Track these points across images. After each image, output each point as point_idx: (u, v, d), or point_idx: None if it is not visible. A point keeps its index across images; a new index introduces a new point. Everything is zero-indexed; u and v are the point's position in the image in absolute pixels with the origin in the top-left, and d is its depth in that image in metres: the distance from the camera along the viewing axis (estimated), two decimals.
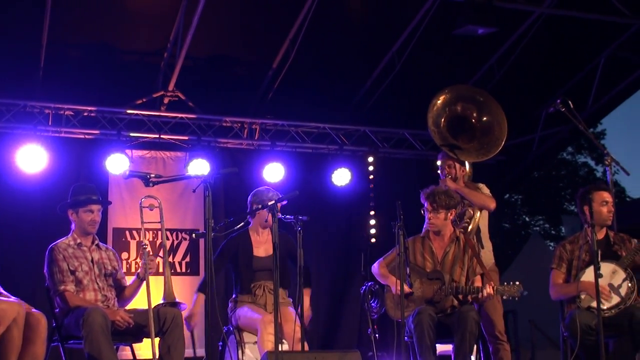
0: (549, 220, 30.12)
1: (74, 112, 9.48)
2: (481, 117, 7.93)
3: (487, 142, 7.83)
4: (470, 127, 7.94)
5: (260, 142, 10.19)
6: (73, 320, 6.07)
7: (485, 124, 7.91)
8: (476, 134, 7.90)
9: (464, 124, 7.93)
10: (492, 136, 7.86)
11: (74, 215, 6.57)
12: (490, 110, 7.94)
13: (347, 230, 10.75)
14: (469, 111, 7.96)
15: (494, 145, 7.83)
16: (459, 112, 7.94)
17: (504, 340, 7.54)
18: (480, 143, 7.84)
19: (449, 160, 7.66)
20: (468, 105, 7.95)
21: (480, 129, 7.91)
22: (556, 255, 6.91)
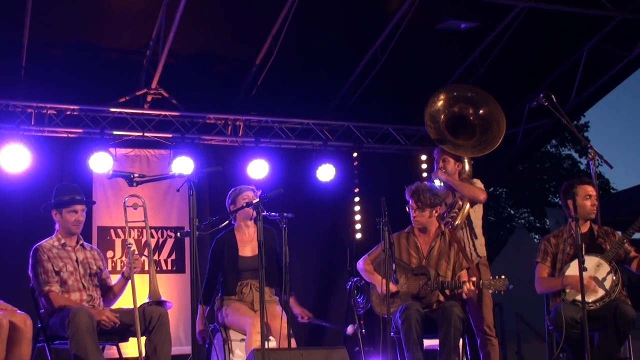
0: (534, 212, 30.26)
1: (56, 111, 9.43)
2: (479, 116, 8.01)
3: (485, 140, 7.90)
4: (470, 126, 8.00)
5: (244, 138, 10.18)
6: (58, 321, 6.06)
7: (484, 123, 7.98)
8: (476, 132, 7.96)
9: (463, 122, 8.00)
10: (490, 134, 7.94)
11: (57, 215, 6.55)
12: (490, 109, 8.01)
13: (332, 226, 10.76)
14: (466, 111, 8.04)
15: (491, 143, 7.91)
16: (458, 111, 8.02)
17: (492, 335, 7.57)
18: (478, 140, 7.91)
19: (444, 155, 7.72)
20: (467, 105, 8.03)
21: (479, 127, 7.98)
22: (541, 249, 6.94)
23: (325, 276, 10.53)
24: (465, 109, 8.04)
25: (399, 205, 7.34)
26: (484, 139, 7.91)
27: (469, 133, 7.98)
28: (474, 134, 7.98)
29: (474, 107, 8.05)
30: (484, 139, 7.92)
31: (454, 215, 7.53)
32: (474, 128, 8.01)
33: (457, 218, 7.53)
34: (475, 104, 8.05)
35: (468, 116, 8.04)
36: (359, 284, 8.34)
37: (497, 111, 8.02)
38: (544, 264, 6.87)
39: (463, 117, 8.02)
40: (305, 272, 10.34)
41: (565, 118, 7.22)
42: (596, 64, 10.22)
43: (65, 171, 9.53)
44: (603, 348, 6.36)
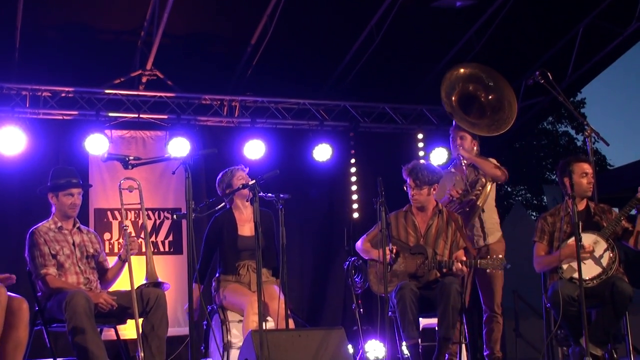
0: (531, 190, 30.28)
1: (51, 93, 9.39)
2: (490, 96, 8.06)
3: (498, 119, 7.98)
4: (481, 106, 8.03)
5: (240, 119, 10.14)
6: (56, 304, 6.06)
7: (495, 103, 8.03)
8: (487, 111, 7.99)
9: (474, 101, 8.03)
10: (503, 114, 7.98)
11: (54, 198, 6.54)
12: (500, 90, 8.04)
13: (330, 205, 10.74)
14: (478, 91, 8.09)
15: (504, 123, 8.00)
16: (470, 90, 8.07)
17: (499, 314, 7.66)
18: (491, 119, 7.96)
19: (461, 132, 7.76)
20: (478, 84, 8.06)
21: (490, 108, 8.02)
22: (538, 228, 6.94)
23: (323, 256, 10.51)
24: (478, 89, 8.07)
25: (396, 184, 7.35)
26: (497, 119, 7.99)
27: (479, 113, 8.00)
28: (484, 114, 8.00)
29: (485, 88, 8.08)
30: (497, 118, 8.00)
31: (477, 193, 7.55)
32: (484, 108, 8.04)
33: (480, 197, 7.56)
34: (487, 85, 8.08)
35: (479, 97, 8.07)
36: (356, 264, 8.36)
37: (509, 93, 8.07)
38: (541, 243, 6.87)
39: (475, 97, 8.05)
40: (302, 252, 10.34)
41: (562, 96, 7.21)
42: (592, 41, 10.16)
43: (61, 153, 9.49)
44: (600, 325, 6.38)
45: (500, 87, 8.12)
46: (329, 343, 5.84)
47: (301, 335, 5.87)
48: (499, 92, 8.12)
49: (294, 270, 9.44)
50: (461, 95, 8.05)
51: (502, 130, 7.95)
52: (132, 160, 5.52)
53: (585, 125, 7.12)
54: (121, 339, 6.82)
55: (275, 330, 6.27)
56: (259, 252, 5.67)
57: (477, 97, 8.12)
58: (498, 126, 7.97)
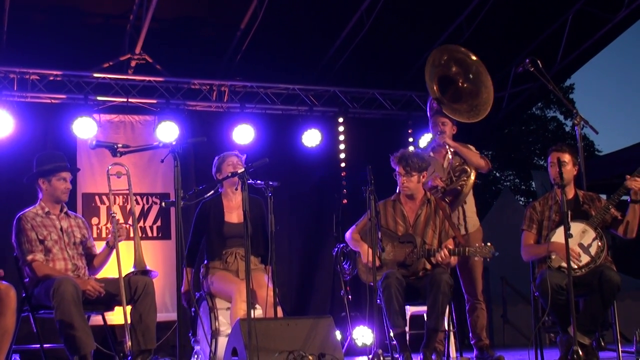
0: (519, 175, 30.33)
1: (39, 77, 9.34)
2: (467, 81, 8.02)
3: (476, 105, 7.93)
4: (456, 90, 7.99)
5: (229, 104, 10.11)
6: (43, 290, 6.02)
7: (472, 88, 7.99)
8: (462, 96, 7.96)
9: (451, 84, 7.99)
10: (481, 99, 7.94)
11: (45, 183, 6.46)
12: (478, 75, 8.02)
13: (319, 191, 10.71)
14: (458, 75, 8.05)
15: (483, 108, 7.96)
16: (452, 72, 8.02)
17: (481, 300, 7.66)
18: (469, 105, 7.92)
19: (442, 118, 7.70)
20: (456, 67, 8.02)
21: (467, 92, 7.98)
22: (526, 216, 6.92)
23: (312, 242, 10.51)
24: (459, 73, 8.03)
25: (386, 170, 7.31)
26: (476, 104, 7.94)
27: (454, 97, 7.96)
28: (460, 98, 7.96)
29: (463, 72, 8.04)
30: (476, 104, 7.94)
31: (462, 183, 7.53)
32: (460, 93, 8.00)
33: (465, 187, 7.54)
34: (464, 68, 8.04)
35: (457, 81, 8.04)
36: (345, 250, 8.36)
37: (486, 76, 8.02)
38: (529, 232, 6.85)
39: (454, 81, 8.02)
40: (291, 238, 10.33)
41: (551, 84, 7.18)
42: (582, 28, 10.15)
43: (49, 137, 9.46)
44: (588, 314, 6.36)
45: (479, 75, 8.07)
46: (318, 331, 5.82)
47: (290, 324, 5.85)
48: (477, 80, 8.07)
49: (282, 257, 9.42)
50: (442, 76, 8.00)
51: (481, 116, 7.91)
52: (121, 147, 5.47)
53: (574, 114, 7.07)
54: (108, 324, 6.76)
55: (263, 318, 6.24)
56: (247, 241, 5.63)
57: (455, 82, 8.08)
58: (477, 112, 7.93)
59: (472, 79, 8.07)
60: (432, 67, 7.92)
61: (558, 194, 6.56)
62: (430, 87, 7.87)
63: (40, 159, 6.54)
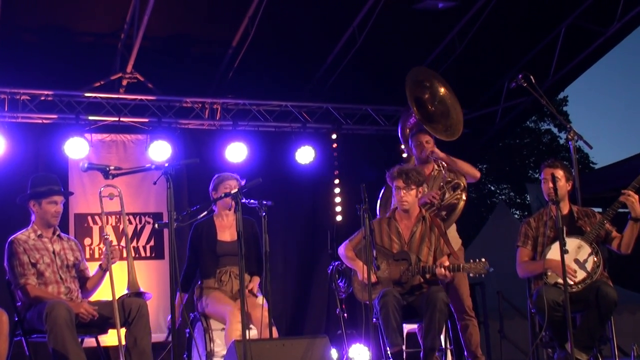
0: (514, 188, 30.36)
1: (30, 97, 9.32)
2: (434, 105, 8.09)
3: (450, 125, 7.98)
4: (427, 112, 8.07)
5: (221, 122, 10.11)
6: (36, 314, 6.01)
7: (442, 109, 8.09)
8: (435, 117, 8.02)
9: (424, 106, 8.07)
10: (452, 119, 8.03)
11: (36, 206, 6.46)
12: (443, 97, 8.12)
13: (313, 208, 10.71)
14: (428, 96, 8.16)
15: (456, 128, 8.04)
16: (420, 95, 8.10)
17: (472, 316, 7.66)
18: (444, 125, 7.97)
19: (425, 135, 7.73)
20: (423, 90, 8.11)
21: (438, 114, 8.07)
22: (521, 232, 6.93)
23: (306, 260, 10.49)
24: (428, 98, 8.14)
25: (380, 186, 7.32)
26: (449, 124, 8.01)
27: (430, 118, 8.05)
28: (432, 120, 8.04)
29: (433, 99, 8.14)
30: (449, 124, 8.02)
31: (458, 197, 7.54)
32: (431, 115, 8.09)
33: (460, 200, 7.55)
34: (435, 97, 8.15)
35: (427, 105, 8.13)
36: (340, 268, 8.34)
37: (455, 103, 8.12)
38: (524, 248, 6.86)
39: (425, 103, 8.12)
40: (285, 256, 10.32)
41: (544, 99, 7.18)
42: (574, 41, 10.18)
43: (41, 158, 9.44)
44: (585, 330, 6.37)
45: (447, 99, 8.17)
46: (313, 352, 5.82)
47: (285, 345, 5.85)
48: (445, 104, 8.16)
49: (277, 275, 9.42)
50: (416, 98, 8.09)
51: (456, 134, 8.01)
52: (113, 170, 5.47)
53: (568, 129, 7.08)
54: (102, 346, 6.74)
55: (258, 340, 6.23)
56: (242, 262, 5.63)
57: (425, 106, 8.17)
58: (452, 131, 8.02)
59: (439, 104, 8.16)
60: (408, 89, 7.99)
61: (553, 210, 6.58)
62: (412, 106, 7.93)
63: (33, 181, 6.55)
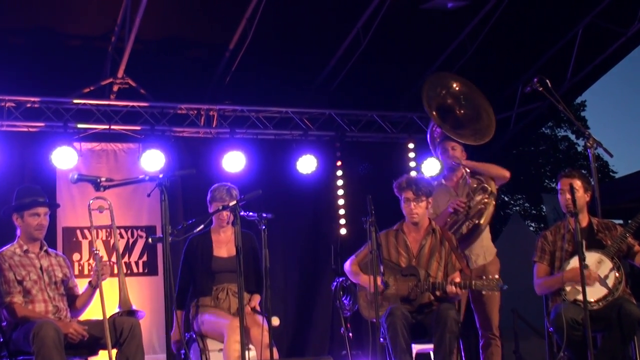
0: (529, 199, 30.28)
1: (15, 104, 9.32)
2: (463, 107, 8.13)
3: (479, 129, 7.98)
4: (455, 118, 8.08)
5: (218, 129, 10.11)
6: (22, 335, 6.00)
7: (471, 113, 8.10)
8: (464, 122, 8.04)
9: (450, 112, 8.09)
10: (482, 123, 8.02)
11: (19, 219, 6.48)
12: (473, 100, 8.09)
13: (315, 221, 10.69)
14: (454, 104, 8.13)
15: (487, 131, 8.01)
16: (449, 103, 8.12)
17: (497, 336, 7.67)
18: (472, 130, 7.97)
19: (451, 142, 7.75)
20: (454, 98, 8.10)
21: (467, 118, 8.08)
22: (538, 247, 6.93)
23: (309, 276, 10.47)
24: (454, 103, 8.13)
25: (386, 197, 7.32)
26: (479, 128, 8.00)
27: (458, 124, 8.04)
28: (461, 125, 8.03)
29: (460, 103, 8.15)
30: (479, 127, 8.01)
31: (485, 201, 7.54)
32: (460, 121, 8.09)
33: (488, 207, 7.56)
34: (459, 99, 8.15)
35: (455, 110, 8.14)
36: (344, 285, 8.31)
37: (480, 99, 8.12)
38: (541, 263, 6.86)
39: (451, 110, 8.11)
40: (286, 272, 10.30)
41: (561, 104, 7.19)
42: (592, 42, 10.19)
43: (27, 168, 9.43)
44: (607, 350, 6.36)
45: (475, 100, 8.18)
46: None
47: None
48: (474, 104, 8.17)
49: (277, 292, 9.40)
50: (439, 106, 8.10)
51: (486, 138, 8.01)
52: (104, 181, 5.48)
53: (587, 136, 7.08)
54: None
55: None
56: (240, 279, 5.64)
57: (453, 110, 8.19)
58: (482, 135, 8.01)
59: (466, 104, 8.17)
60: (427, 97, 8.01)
61: (571, 222, 6.58)
62: (431, 114, 7.95)
63: (18, 193, 6.56)
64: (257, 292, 7.02)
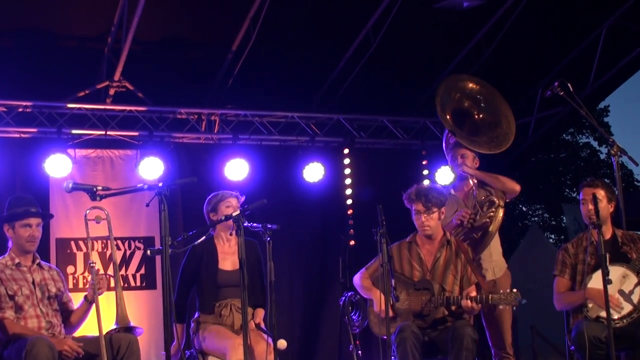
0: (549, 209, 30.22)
1: (7, 109, 9.36)
2: (482, 115, 8.13)
3: (497, 136, 8.00)
4: (473, 123, 8.08)
5: (220, 135, 10.14)
6: (14, 353, 6.01)
7: (489, 120, 8.09)
8: (480, 128, 8.04)
9: (467, 118, 8.09)
10: (500, 129, 8.03)
11: (10, 230, 6.50)
12: (492, 103, 8.09)
13: (322, 232, 10.70)
14: (472, 108, 8.18)
15: (505, 139, 8.03)
16: (465, 106, 8.14)
17: (511, 354, 7.67)
18: (489, 137, 7.98)
19: (462, 149, 7.77)
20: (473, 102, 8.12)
21: (484, 125, 8.07)
22: (558, 260, 6.92)
23: (315, 289, 10.48)
24: (472, 107, 8.13)
25: (398, 207, 7.32)
26: (496, 135, 8.00)
27: (472, 130, 8.05)
28: (478, 131, 8.04)
29: (478, 106, 8.15)
30: (496, 134, 8.01)
31: (491, 215, 7.55)
32: (477, 126, 8.09)
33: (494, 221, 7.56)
34: (480, 104, 8.15)
35: (473, 114, 8.13)
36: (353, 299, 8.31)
37: (501, 104, 8.12)
38: (562, 277, 6.86)
39: (469, 114, 8.11)
40: (292, 285, 10.31)
41: (584, 109, 7.17)
42: (617, 44, 10.19)
43: (18, 176, 9.43)
44: None
45: (495, 104, 8.18)
46: None
47: None
48: (493, 109, 8.17)
49: (283, 307, 9.38)
50: (455, 110, 8.10)
51: (503, 147, 8.01)
52: (101, 190, 5.50)
53: (610, 142, 7.06)
54: None
55: None
56: (244, 293, 5.65)
57: (470, 115, 8.18)
58: (499, 142, 8.02)
59: (486, 108, 8.16)
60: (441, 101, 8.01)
61: (593, 234, 6.58)
62: (444, 119, 7.96)
63: (9, 203, 6.59)
64: (261, 306, 7.01)
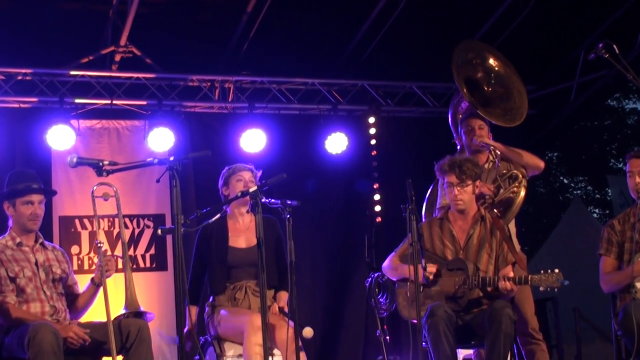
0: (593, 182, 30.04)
1: (5, 77, 9.41)
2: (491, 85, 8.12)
3: (509, 109, 8.01)
4: (483, 95, 8.07)
5: (235, 104, 10.16)
6: (16, 339, 6.04)
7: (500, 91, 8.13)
8: (492, 100, 8.02)
9: (477, 88, 8.08)
10: (512, 103, 8.01)
11: (10, 208, 6.51)
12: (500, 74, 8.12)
13: (346, 208, 10.72)
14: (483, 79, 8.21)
15: (518, 113, 8.04)
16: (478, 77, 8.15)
17: (540, 339, 7.61)
18: (502, 109, 7.97)
19: (477, 120, 7.73)
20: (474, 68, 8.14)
21: (496, 96, 8.07)
22: (604, 238, 6.88)
23: (339, 271, 10.52)
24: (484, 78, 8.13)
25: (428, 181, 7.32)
26: (509, 108, 8.01)
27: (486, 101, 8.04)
28: (490, 102, 8.03)
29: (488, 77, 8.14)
30: (509, 107, 8.01)
31: (515, 190, 7.52)
32: (488, 98, 8.08)
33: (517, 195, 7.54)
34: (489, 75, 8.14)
35: (483, 86, 8.13)
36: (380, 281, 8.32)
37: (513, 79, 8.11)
38: (608, 257, 6.82)
39: (479, 84, 8.11)
40: (314, 266, 10.33)
41: (631, 72, 7.13)
42: None
43: (19, 149, 9.49)
44: None
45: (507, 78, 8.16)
46: None
47: None
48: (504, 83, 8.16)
49: (304, 289, 9.39)
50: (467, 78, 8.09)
51: (517, 120, 8.01)
52: (107, 165, 5.49)
53: None
54: None
55: None
56: (263, 275, 5.66)
57: (480, 86, 8.17)
58: (512, 116, 8.02)
59: (496, 82, 8.16)
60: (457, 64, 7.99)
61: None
62: (461, 88, 7.93)
63: (9, 178, 6.59)
64: (283, 288, 7.02)
